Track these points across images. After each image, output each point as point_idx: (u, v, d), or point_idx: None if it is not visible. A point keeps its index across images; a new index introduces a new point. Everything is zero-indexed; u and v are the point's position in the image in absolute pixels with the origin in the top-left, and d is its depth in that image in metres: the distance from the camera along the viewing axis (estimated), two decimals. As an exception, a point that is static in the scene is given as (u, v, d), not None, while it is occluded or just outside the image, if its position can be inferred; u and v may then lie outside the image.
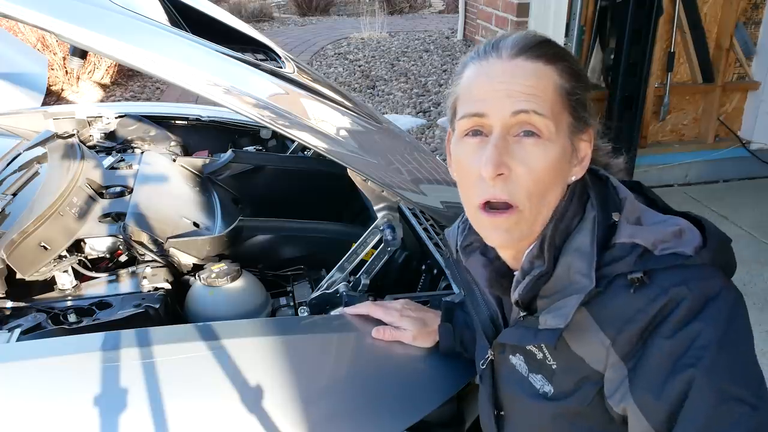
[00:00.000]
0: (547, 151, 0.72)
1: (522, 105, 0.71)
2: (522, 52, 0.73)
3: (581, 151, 0.77)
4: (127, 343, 1.01)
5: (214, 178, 1.80)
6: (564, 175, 0.76)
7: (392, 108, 5.33)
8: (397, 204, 1.38)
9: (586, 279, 0.71)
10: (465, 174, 0.77)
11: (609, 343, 0.69)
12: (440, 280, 1.38)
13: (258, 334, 1.07)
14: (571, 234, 0.75)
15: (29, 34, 5.15)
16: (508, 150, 0.72)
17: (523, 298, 0.78)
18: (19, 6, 0.99)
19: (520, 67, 0.72)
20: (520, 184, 0.72)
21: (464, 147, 0.76)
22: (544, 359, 0.79)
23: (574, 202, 0.76)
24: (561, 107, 0.73)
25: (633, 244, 0.71)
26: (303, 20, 10.24)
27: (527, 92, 0.71)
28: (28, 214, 1.30)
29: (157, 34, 1.24)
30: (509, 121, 0.72)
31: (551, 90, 0.73)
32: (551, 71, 0.73)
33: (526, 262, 0.78)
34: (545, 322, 0.75)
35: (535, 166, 0.72)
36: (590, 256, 0.72)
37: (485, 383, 0.91)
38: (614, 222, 0.74)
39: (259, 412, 0.95)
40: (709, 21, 3.57)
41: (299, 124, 1.23)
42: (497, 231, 0.76)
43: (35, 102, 3.38)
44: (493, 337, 0.88)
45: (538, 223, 0.76)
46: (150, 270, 1.32)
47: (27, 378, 0.95)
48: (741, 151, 3.79)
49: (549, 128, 0.72)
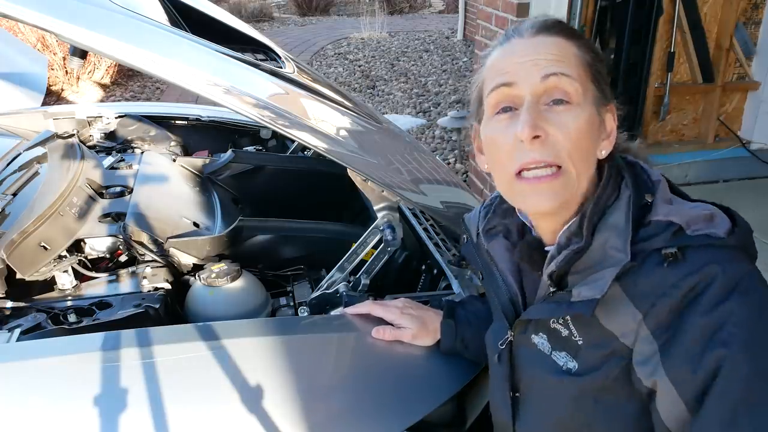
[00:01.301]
0: (578, 115, 0.74)
1: (551, 68, 0.74)
2: (542, 30, 0.77)
3: (607, 124, 0.80)
4: (127, 343, 1.01)
5: (214, 178, 1.80)
6: (596, 144, 0.78)
7: (392, 108, 5.33)
8: (397, 204, 1.38)
9: (621, 254, 0.73)
10: (499, 148, 0.78)
11: (640, 317, 0.70)
12: (440, 280, 1.38)
13: (258, 334, 1.07)
14: (607, 212, 0.77)
15: (29, 34, 5.15)
16: (541, 116, 0.74)
17: (559, 272, 0.80)
18: (19, 6, 0.99)
19: (542, 42, 0.76)
20: (558, 146, 0.74)
21: (495, 124, 0.78)
22: (570, 335, 0.79)
23: (611, 183, 0.79)
24: (585, 76, 0.76)
25: (668, 222, 0.73)
26: (303, 20, 10.24)
27: (553, 59, 0.74)
28: (28, 214, 1.30)
29: (157, 34, 1.24)
30: (539, 87, 0.74)
31: (574, 59, 0.76)
32: (571, 45, 0.77)
33: (562, 237, 0.79)
34: (579, 294, 0.75)
35: (570, 130, 0.74)
36: (626, 232, 0.74)
37: (502, 364, 0.91)
38: (647, 203, 0.76)
39: (259, 412, 0.95)
40: (709, 21, 3.57)
41: (299, 124, 1.23)
42: (544, 194, 0.76)
43: (35, 102, 3.38)
44: (514, 318, 0.88)
45: (581, 189, 0.78)
46: (150, 270, 1.32)
47: (27, 378, 0.95)
48: (741, 151, 3.79)
49: (578, 91, 0.74)
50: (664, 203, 0.76)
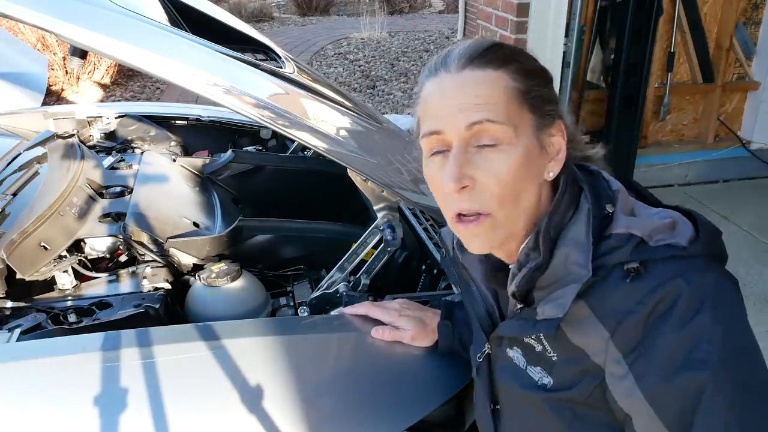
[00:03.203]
0: (509, 156, 0.72)
1: (475, 116, 0.72)
2: (468, 63, 0.73)
3: (553, 145, 0.77)
4: (127, 343, 1.01)
5: (214, 178, 1.80)
6: (536, 174, 0.76)
7: (392, 108, 5.33)
8: (397, 204, 1.38)
9: (582, 269, 0.72)
10: (435, 191, 0.79)
11: (608, 336, 0.70)
12: (440, 280, 1.38)
13: (258, 334, 1.07)
14: (566, 226, 0.76)
15: (29, 34, 5.15)
16: (469, 162, 0.73)
17: (520, 290, 0.79)
18: (19, 6, 0.99)
19: (469, 78, 0.73)
20: (487, 192, 0.73)
21: (430, 166, 0.78)
22: (544, 351, 0.79)
23: (567, 195, 0.77)
24: (518, 109, 0.73)
25: (629, 234, 0.72)
26: (303, 20, 10.24)
27: (478, 102, 0.72)
28: (28, 214, 1.30)
29: (157, 34, 1.24)
30: (465, 134, 0.73)
31: (504, 94, 0.73)
32: (502, 75, 0.73)
33: (522, 254, 0.79)
34: (543, 312, 0.75)
35: (499, 173, 0.72)
36: (586, 246, 0.73)
37: (482, 377, 0.92)
38: (608, 213, 0.75)
39: (259, 412, 0.95)
40: (709, 21, 3.57)
41: (299, 124, 1.23)
42: (475, 239, 0.77)
43: (35, 102, 3.38)
44: (490, 331, 0.89)
45: (519, 224, 0.77)
46: (150, 270, 1.32)
47: (27, 378, 0.95)
48: (741, 151, 3.79)
49: (507, 133, 0.72)
50: (625, 214, 0.74)
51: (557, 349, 0.77)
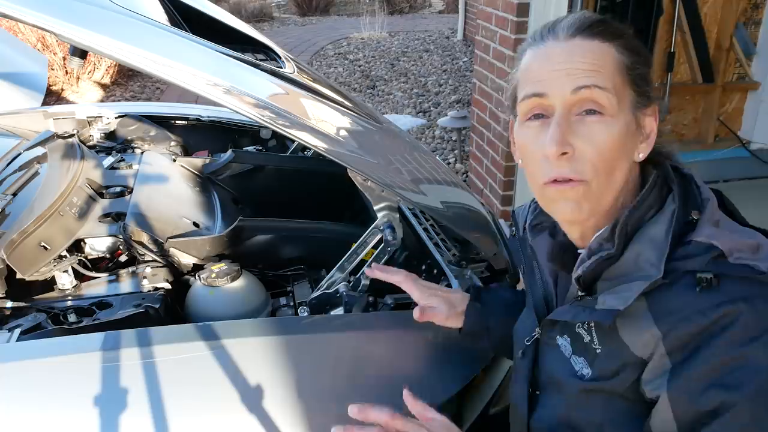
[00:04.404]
0: (611, 127, 0.73)
1: (583, 81, 0.72)
2: (578, 32, 0.74)
3: (646, 126, 0.78)
4: (127, 343, 1.01)
5: (214, 178, 1.80)
6: (630, 152, 0.76)
7: (392, 108, 5.33)
8: (397, 204, 1.38)
9: (654, 269, 0.71)
10: (530, 156, 0.78)
11: (660, 336, 0.69)
12: (440, 280, 1.38)
13: (258, 334, 1.07)
14: (646, 224, 0.76)
15: (29, 34, 5.15)
16: (571, 128, 0.73)
17: (586, 277, 0.79)
18: (19, 6, 0.99)
19: (578, 46, 0.73)
20: (585, 161, 0.73)
21: (527, 131, 0.78)
22: (591, 342, 0.79)
23: (654, 193, 0.77)
24: (622, 82, 0.74)
25: (710, 245, 0.70)
26: (303, 20, 10.24)
27: (587, 68, 0.72)
28: (28, 214, 1.30)
29: (157, 34, 1.24)
30: (570, 99, 0.73)
31: (611, 65, 0.73)
32: (609, 48, 0.74)
33: (594, 242, 0.78)
34: (604, 302, 0.74)
35: (599, 143, 0.72)
36: (663, 247, 0.72)
37: (526, 360, 0.91)
38: (692, 220, 0.74)
39: (259, 412, 0.95)
40: (709, 21, 3.57)
41: (299, 124, 1.23)
42: (566, 202, 0.76)
43: (35, 102, 3.38)
44: (544, 315, 0.88)
45: (606, 200, 0.76)
46: (150, 270, 1.32)
47: (27, 378, 0.95)
48: (741, 151, 3.78)
49: (611, 102, 0.72)
50: (710, 224, 0.73)
51: (604, 343, 0.77)
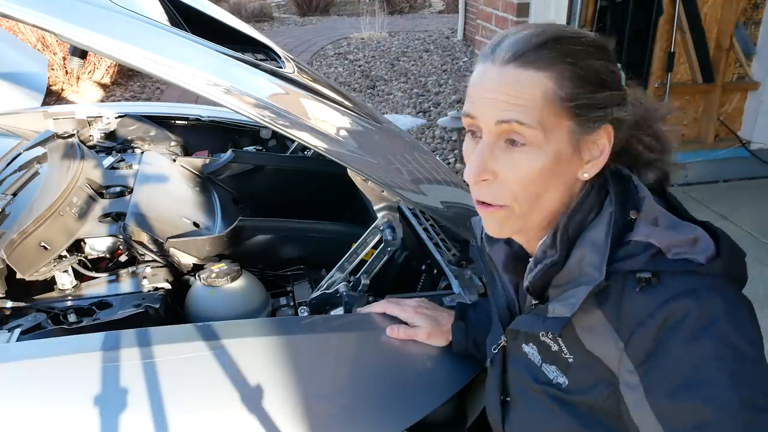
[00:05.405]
0: (534, 157, 0.72)
1: (505, 115, 0.71)
2: (514, 59, 0.71)
3: (593, 149, 0.75)
4: (127, 343, 1.01)
5: (214, 178, 1.80)
6: (566, 175, 0.75)
7: (392, 108, 5.33)
8: (397, 204, 1.38)
9: (596, 271, 0.71)
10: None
11: (622, 346, 0.70)
12: (440, 280, 1.38)
13: (258, 334, 1.07)
14: (586, 227, 0.76)
15: (29, 34, 5.15)
16: (493, 156, 0.74)
17: (534, 286, 0.80)
18: (19, 6, 0.99)
19: (509, 75, 0.71)
20: (506, 187, 0.74)
21: (467, 143, 0.79)
22: (560, 351, 0.79)
23: (591, 197, 0.77)
24: (555, 114, 0.71)
25: (647, 243, 0.71)
26: (303, 20, 10.24)
27: (512, 102, 0.71)
28: (28, 214, 1.30)
29: (157, 34, 1.24)
30: (494, 129, 0.73)
31: (540, 100, 0.71)
32: (544, 79, 0.71)
33: (539, 251, 0.79)
34: (553, 310, 0.76)
35: (521, 172, 0.73)
36: (603, 249, 0.72)
37: (495, 368, 0.93)
38: (631, 220, 0.74)
39: (259, 412, 0.95)
40: (709, 21, 3.58)
41: (299, 124, 1.23)
42: (490, 223, 0.79)
43: (35, 102, 3.38)
44: (508, 323, 0.89)
45: (534, 219, 0.77)
46: (150, 270, 1.32)
47: (27, 378, 0.95)
48: (741, 151, 3.79)
49: (536, 135, 0.71)
50: (648, 223, 0.74)
51: (574, 352, 0.77)
